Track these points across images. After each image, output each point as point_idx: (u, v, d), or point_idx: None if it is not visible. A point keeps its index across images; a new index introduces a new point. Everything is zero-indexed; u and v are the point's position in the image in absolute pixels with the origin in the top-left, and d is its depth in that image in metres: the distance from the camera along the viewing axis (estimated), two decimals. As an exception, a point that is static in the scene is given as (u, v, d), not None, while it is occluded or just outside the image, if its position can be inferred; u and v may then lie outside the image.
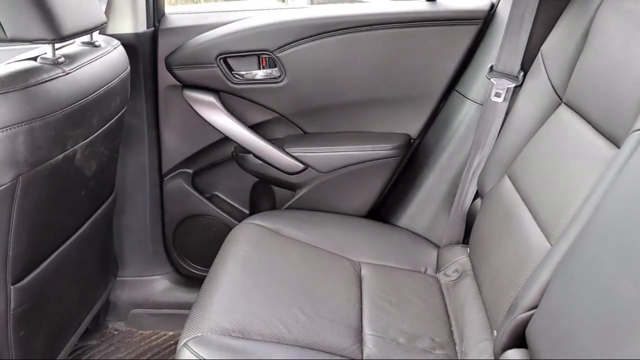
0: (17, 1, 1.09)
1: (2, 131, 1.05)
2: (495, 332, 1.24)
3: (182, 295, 1.97)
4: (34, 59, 1.21)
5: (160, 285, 1.98)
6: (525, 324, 1.07)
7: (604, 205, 0.95)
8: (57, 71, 1.18)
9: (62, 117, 1.16)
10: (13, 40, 1.12)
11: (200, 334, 1.22)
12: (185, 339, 1.22)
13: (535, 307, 1.05)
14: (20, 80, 1.10)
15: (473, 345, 1.31)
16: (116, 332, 1.95)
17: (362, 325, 1.35)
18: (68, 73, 1.21)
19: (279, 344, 1.22)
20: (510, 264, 1.28)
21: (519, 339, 1.09)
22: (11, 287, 1.21)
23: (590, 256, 0.93)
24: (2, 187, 1.09)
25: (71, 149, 1.24)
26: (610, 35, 1.23)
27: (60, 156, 1.20)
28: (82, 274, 1.55)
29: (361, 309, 1.40)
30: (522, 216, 1.32)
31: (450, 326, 1.43)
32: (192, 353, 1.18)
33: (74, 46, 1.36)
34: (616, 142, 1.11)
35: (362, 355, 1.26)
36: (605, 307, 0.85)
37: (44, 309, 1.35)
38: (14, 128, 1.07)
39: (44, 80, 1.14)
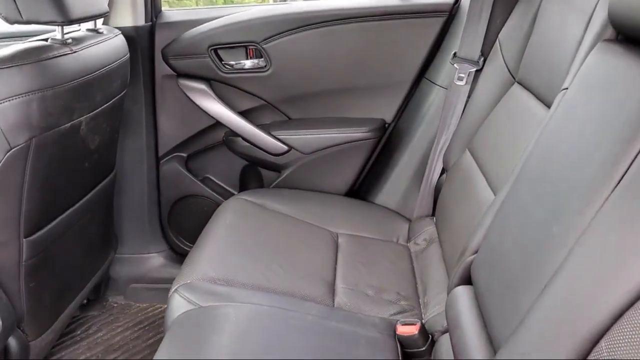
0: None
1: (18, 97, 1.22)
2: (453, 281, 1.39)
3: (176, 271, 2.09)
4: (46, 39, 1.39)
5: (156, 262, 2.14)
6: (471, 264, 1.23)
7: (531, 155, 1.12)
8: (66, 49, 1.36)
9: (69, 89, 1.33)
10: (28, 22, 1.29)
11: (189, 281, 1.38)
12: (176, 286, 1.38)
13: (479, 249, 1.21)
14: (34, 55, 1.27)
15: (433, 296, 1.47)
16: (115, 305, 2.11)
17: (335, 280, 1.50)
18: (75, 52, 1.38)
19: (258, 290, 1.38)
20: (465, 223, 1.44)
21: (467, 279, 1.25)
22: (24, 240, 1.37)
23: (518, 197, 1.10)
24: (17, 147, 1.25)
25: (77, 120, 1.40)
26: (550, 18, 1.41)
27: (68, 125, 1.37)
28: (85, 240, 1.71)
29: (335, 268, 1.56)
30: (476, 181, 1.48)
31: (416, 283, 1.58)
32: (182, 297, 1.35)
33: (80, 32, 1.54)
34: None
35: (334, 303, 1.42)
36: (524, 233, 1.01)
37: (52, 265, 1.51)
38: (28, 95, 1.23)
39: (54, 56, 1.31)
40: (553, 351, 0.80)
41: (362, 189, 2.05)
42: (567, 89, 1.11)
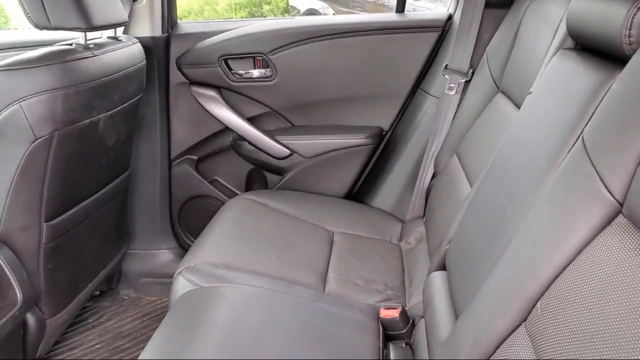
0: (61, -2, 1.42)
1: (44, 94, 1.37)
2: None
3: (184, 267, 2.26)
4: (70, 44, 1.55)
5: (165, 258, 2.27)
6: (446, 253, 1.34)
7: (499, 151, 1.24)
8: (88, 53, 1.51)
9: (90, 88, 1.48)
10: (55, 28, 1.45)
11: (192, 265, 1.51)
12: (180, 269, 1.51)
13: (455, 239, 1.33)
14: (60, 57, 1.43)
15: (418, 286, 1.58)
16: (126, 297, 2.24)
17: (327, 270, 1.63)
18: (96, 56, 1.53)
19: (255, 275, 1.51)
20: (447, 220, 1.56)
21: (443, 266, 1.36)
22: (44, 224, 1.51)
23: (485, 188, 1.22)
24: (42, 139, 1.40)
25: (96, 117, 1.55)
26: (528, 30, 1.54)
27: (87, 121, 1.52)
28: (100, 232, 1.85)
29: (329, 260, 1.68)
30: (459, 181, 1.60)
31: (404, 277, 1.69)
32: (185, 279, 1.48)
33: (102, 39, 1.69)
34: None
35: (324, 290, 1.54)
36: (486, 219, 1.13)
37: (69, 250, 1.65)
38: (53, 92, 1.38)
39: (77, 58, 1.46)
40: (501, 315, 0.92)
41: (359, 192, 2.17)
42: (531, 92, 1.24)
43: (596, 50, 1.03)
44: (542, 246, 0.88)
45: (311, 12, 9.46)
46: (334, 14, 9.10)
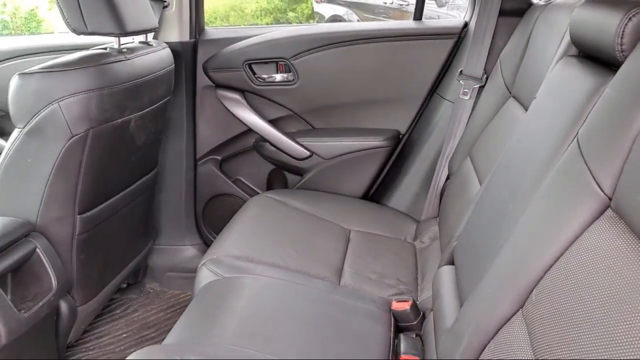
0: (97, 5, 1.53)
1: (81, 94, 1.48)
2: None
3: (208, 263, 2.35)
4: (105, 48, 1.65)
5: (189, 253, 2.37)
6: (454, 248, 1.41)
7: (505, 152, 1.31)
8: (121, 57, 1.62)
9: (123, 89, 1.58)
10: (92, 33, 1.55)
11: (215, 257, 1.60)
12: (204, 261, 1.60)
13: (464, 235, 1.40)
14: (95, 60, 1.53)
15: (429, 281, 1.65)
16: (152, 290, 2.34)
17: (343, 265, 1.70)
18: (128, 59, 1.64)
19: (274, 267, 1.59)
20: (457, 218, 1.62)
21: (451, 261, 1.43)
22: (78, 216, 1.62)
23: (492, 186, 1.29)
24: (78, 136, 1.50)
25: (127, 117, 1.65)
26: (538, 38, 1.60)
27: (119, 120, 1.62)
28: (128, 226, 1.95)
29: (344, 256, 1.76)
30: (471, 182, 1.67)
31: (417, 274, 1.76)
32: (209, 270, 1.57)
33: (134, 44, 1.80)
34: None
35: (339, 283, 1.61)
36: (491, 214, 1.20)
37: (99, 242, 1.75)
38: (89, 93, 1.49)
39: (111, 61, 1.57)
40: (501, 302, 0.99)
41: (376, 192, 2.25)
42: (536, 97, 1.30)
43: (594, 57, 1.09)
44: (538, 238, 0.95)
45: (335, 18, 9.58)
46: (358, 20, 9.20)
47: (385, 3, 8.75)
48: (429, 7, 7.58)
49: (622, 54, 0.94)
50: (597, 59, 1.09)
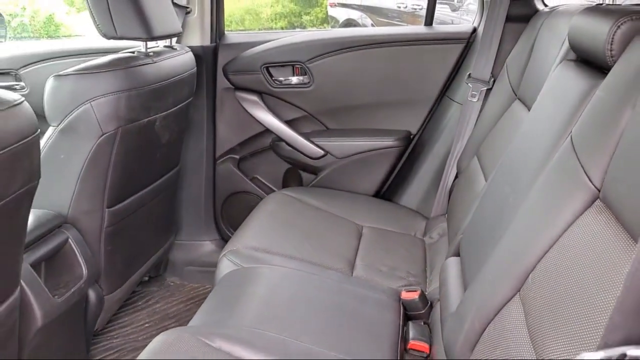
0: (126, 12, 1.63)
1: (111, 95, 1.58)
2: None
3: (225, 257, 2.45)
4: (133, 52, 1.76)
5: (208, 248, 2.47)
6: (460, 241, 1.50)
7: (509, 149, 1.40)
8: (148, 60, 1.72)
9: (149, 91, 1.69)
10: (121, 38, 1.67)
11: (235, 248, 1.70)
12: (225, 252, 1.70)
13: (470, 229, 1.48)
14: (124, 63, 1.64)
15: (437, 274, 1.73)
16: (172, 284, 2.45)
17: (355, 258, 1.79)
18: (155, 62, 1.74)
19: (290, 258, 1.69)
20: (464, 213, 1.71)
21: (458, 252, 1.52)
22: (106, 209, 1.72)
23: (495, 182, 1.38)
24: (107, 134, 1.61)
25: (153, 117, 1.76)
26: (542, 43, 1.68)
27: (145, 120, 1.73)
28: (152, 221, 2.06)
29: (357, 250, 1.85)
30: (477, 180, 1.75)
31: (425, 266, 1.85)
32: (229, 260, 1.66)
33: (159, 48, 1.91)
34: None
35: (352, 275, 1.70)
36: (493, 207, 1.28)
37: (125, 235, 1.86)
38: (118, 94, 1.59)
39: (139, 64, 1.67)
40: (500, 287, 1.07)
41: (387, 190, 2.34)
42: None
43: (589, 61, 1.18)
44: (534, 228, 1.03)
45: (349, 22, 9.66)
46: (372, 24, 9.28)
47: (399, 7, 8.82)
48: (444, 11, 7.67)
49: (611, 58, 1.02)
50: (591, 63, 1.17)
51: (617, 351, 0.46)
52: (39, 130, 1.15)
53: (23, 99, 1.12)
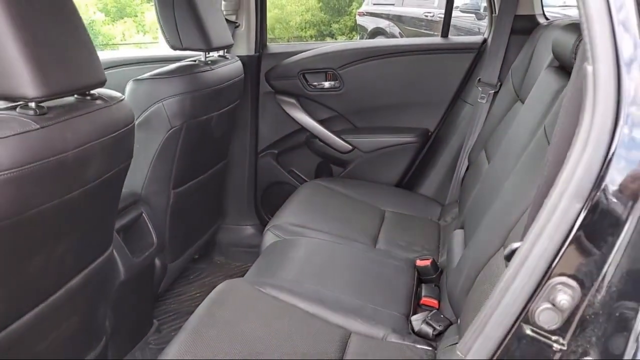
0: (191, 28, 1.99)
1: (179, 95, 1.93)
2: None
3: (265, 240, 2.80)
4: (194, 61, 2.12)
5: (249, 232, 2.82)
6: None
7: (504, 140, 1.71)
8: (207, 67, 2.08)
9: (208, 93, 2.04)
10: (185, 49, 2.02)
11: (277, 224, 2.04)
12: (269, 227, 2.04)
13: (473, 206, 1.80)
14: (189, 70, 2.00)
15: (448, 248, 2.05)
16: (218, 262, 2.80)
17: (378, 235, 2.11)
18: (212, 69, 2.10)
19: (323, 232, 2.02)
20: (470, 197, 2.02)
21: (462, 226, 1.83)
22: (172, 191, 2.07)
23: (493, 166, 1.69)
24: (175, 128, 1.96)
25: (210, 115, 2.11)
26: (538, 53, 1.99)
27: (205, 117, 2.08)
28: (204, 204, 2.41)
29: (380, 229, 2.17)
30: (483, 168, 2.06)
31: (439, 243, 2.16)
32: (273, 233, 2.00)
33: (215, 57, 2.26)
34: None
35: (375, 247, 2.03)
36: (489, 185, 1.60)
37: (184, 212, 2.20)
38: (185, 94, 1.94)
39: (200, 71, 2.03)
40: (490, 244, 1.38)
41: (408, 181, 2.66)
42: (528, 98, 1.70)
43: (564, 67, 1.49)
44: (514, 198, 1.35)
45: (377, 30, 9.95)
46: (399, 32, 9.56)
47: (426, 16, 9.08)
48: (470, 19, 7.92)
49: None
50: (565, 68, 1.48)
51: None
52: (135, 120, 1.50)
53: (124, 96, 1.47)
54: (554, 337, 0.65)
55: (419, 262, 1.88)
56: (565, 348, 0.64)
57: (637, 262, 0.60)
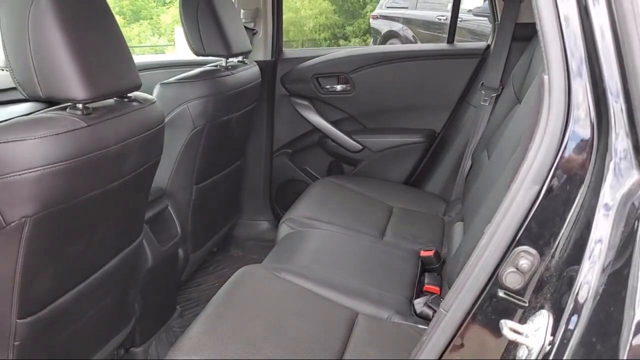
0: (213, 35, 2.16)
1: (202, 98, 2.10)
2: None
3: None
4: (216, 66, 2.29)
5: (264, 227, 2.99)
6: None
7: (502, 137, 1.86)
8: (228, 72, 2.24)
9: (228, 95, 2.21)
10: (209, 55, 2.19)
11: (291, 217, 2.20)
12: (284, 219, 2.20)
13: (472, 200, 1.95)
14: (211, 74, 2.17)
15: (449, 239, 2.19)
16: (235, 255, 2.96)
17: (385, 228, 2.26)
18: (233, 74, 2.27)
19: (334, 224, 2.17)
20: (471, 194, 2.16)
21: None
22: (194, 186, 2.24)
23: (492, 162, 1.84)
24: (198, 128, 2.12)
25: (229, 116, 2.28)
26: (536, 58, 2.13)
27: (225, 118, 2.24)
28: (223, 200, 2.58)
29: (387, 223, 2.32)
30: (484, 167, 2.20)
31: (443, 237, 2.31)
32: (287, 225, 2.16)
33: (235, 62, 2.43)
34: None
35: (382, 239, 2.18)
36: (486, 179, 1.75)
37: (205, 207, 2.37)
38: (207, 97, 2.11)
39: (222, 75, 2.20)
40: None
41: (415, 179, 2.81)
42: (524, 101, 1.85)
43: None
44: (505, 191, 1.49)
45: (391, 34, 10.07)
46: (413, 35, 9.67)
47: (439, 19, 9.20)
48: (485, 23, 8.02)
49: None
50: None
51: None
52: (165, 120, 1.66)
53: (155, 99, 1.64)
54: (517, 296, 0.80)
55: (423, 253, 2.03)
56: (526, 305, 0.80)
57: (580, 232, 0.75)
